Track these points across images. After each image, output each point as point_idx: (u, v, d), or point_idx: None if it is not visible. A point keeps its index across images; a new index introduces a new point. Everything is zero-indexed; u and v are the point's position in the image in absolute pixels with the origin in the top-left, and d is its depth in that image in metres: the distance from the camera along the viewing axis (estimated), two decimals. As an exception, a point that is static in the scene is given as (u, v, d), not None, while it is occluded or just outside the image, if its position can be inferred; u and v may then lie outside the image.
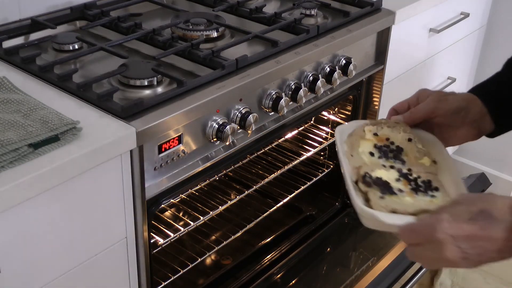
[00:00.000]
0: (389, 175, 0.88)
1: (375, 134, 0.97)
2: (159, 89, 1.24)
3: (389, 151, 0.94)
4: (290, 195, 1.78)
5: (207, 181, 1.77)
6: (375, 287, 1.61)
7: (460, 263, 0.72)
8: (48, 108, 1.09)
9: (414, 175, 0.89)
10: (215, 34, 1.48)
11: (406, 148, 0.95)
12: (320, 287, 1.69)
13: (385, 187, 0.85)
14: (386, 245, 1.76)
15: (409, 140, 0.95)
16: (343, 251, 1.85)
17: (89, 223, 1.10)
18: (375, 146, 0.95)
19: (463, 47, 2.30)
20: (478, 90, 0.99)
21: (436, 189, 0.87)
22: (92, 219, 1.11)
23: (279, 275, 1.71)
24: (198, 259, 1.54)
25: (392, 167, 0.91)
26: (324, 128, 1.90)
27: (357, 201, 0.83)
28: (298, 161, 1.82)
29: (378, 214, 0.80)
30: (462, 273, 1.73)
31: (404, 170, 0.90)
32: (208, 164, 1.29)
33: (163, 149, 1.17)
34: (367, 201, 0.84)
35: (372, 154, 0.93)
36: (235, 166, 1.78)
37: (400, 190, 0.86)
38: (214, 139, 1.26)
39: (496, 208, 0.71)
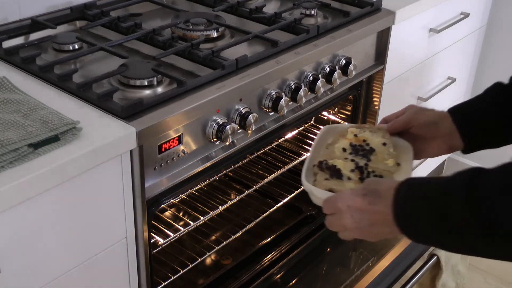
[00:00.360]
0: (345, 165, 0.99)
1: (355, 135, 1.08)
2: (159, 89, 1.24)
3: (360, 150, 1.04)
4: (290, 195, 1.77)
5: (207, 181, 1.77)
6: (375, 287, 1.61)
7: (356, 232, 0.88)
8: (48, 108, 1.09)
9: (369, 170, 0.99)
10: (215, 34, 1.48)
11: (378, 150, 1.04)
12: (320, 287, 1.69)
13: (334, 173, 0.98)
14: (386, 245, 1.76)
15: (384, 144, 1.05)
16: (343, 251, 1.84)
17: (89, 223, 1.10)
18: (351, 144, 1.06)
19: (463, 47, 2.30)
20: (453, 108, 1.08)
21: None
22: (92, 219, 1.11)
23: (279, 275, 1.71)
24: (198, 259, 1.54)
25: (352, 160, 1.01)
26: (324, 128, 1.90)
27: (302, 176, 0.98)
28: (298, 161, 1.82)
29: (312, 188, 0.95)
30: (464, 274, 1.73)
31: (361, 164, 1.00)
32: (208, 164, 1.29)
33: (163, 149, 1.17)
34: (315, 181, 0.97)
35: (344, 149, 1.04)
36: (235, 166, 1.78)
37: (349, 178, 0.97)
38: (214, 139, 1.26)
39: (383, 189, 0.85)
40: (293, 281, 1.72)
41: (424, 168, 2.37)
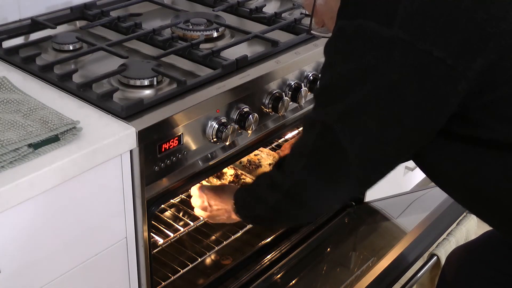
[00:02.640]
0: (230, 172, 1.57)
1: (256, 154, 1.60)
2: (159, 89, 1.24)
3: (252, 165, 1.59)
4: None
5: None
6: (375, 287, 1.61)
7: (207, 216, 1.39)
8: (48, 108, 1.09)
9: (242, 178, 1.55)
10: (215, 34, 1.48)
11: (263, 167, 1.58)
12: (320, 287, 1.69)
13: (221, 175, 1.56)
14: (386, 245, 1.76)
15: (270, 164, 1.58)
16: (343, 251, 1.84)
17: (89, 223, 1.10)
18: (248, 160, 1.60)
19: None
20: None
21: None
22: (92, 219, 1.11)
23: (279, 275, 1.70)
24: (198, 259, 1.54)
25: (235, 169, 1.58)
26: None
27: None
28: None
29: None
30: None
31: (239, 173, 1.57)
32: (208, 164, 1.29)
33: (163, 149, 1.17)
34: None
35: (241, 162, 1.60)
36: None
37: (225, 179, 1.55)
38: (214, 139, 1.26)
39: (226, 195, 1.30)
40: (293, 281, 1.72)
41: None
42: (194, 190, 1.39)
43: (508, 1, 0.89)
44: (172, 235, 1.51)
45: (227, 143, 1.29)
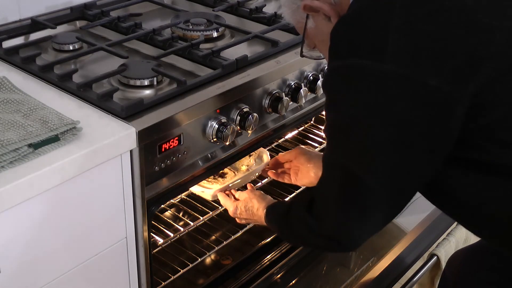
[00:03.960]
0: (232, 175, 1.56)
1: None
2: (159, 89, 1.24)
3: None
4: (290, 195, 1.77)
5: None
6: (375, 287, 1.61)
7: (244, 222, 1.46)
8: (48, 108, 1.09)
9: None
10: (215, 34, 1.48)
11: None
12: (320, 287, 1.69)
13: (222, 175, 1.56)
14: (386, 245, 1.76)
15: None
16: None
17: (89, 223, 1.10)
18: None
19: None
20: None
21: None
22: (92, 219, 1.11)
23: (279, 275, 1.71)
24: (198, 259, 1.54)
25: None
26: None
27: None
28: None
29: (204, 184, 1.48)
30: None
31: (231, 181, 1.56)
32: (208, 164, 1.29)
33: (163, 149, 1.17)
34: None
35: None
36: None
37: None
38: (214, 139, 1.26)
39: (256, 208, 1.36)
40: (293, 281, 1.72)
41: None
42: (222, 197, 1.45)
43: (496, 24, 0.90)
44: (172, 235, 1.51)
45: (227, 143, 1.29)
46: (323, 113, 1.85)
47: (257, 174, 1.60)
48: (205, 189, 1.48)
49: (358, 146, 0.95)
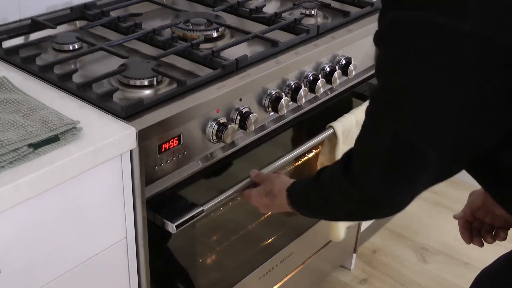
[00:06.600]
0: None
1: None
2: (159, 89, 1.24)
3: None
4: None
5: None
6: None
7: (268, 211, 1.40)
8: (48, 108, 1.09)
9: None
10: (215, 34, 1.48)
11: None
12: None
13: None
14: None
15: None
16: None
17: (89, 223, 1.10)
18: None
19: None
20: None
21: None
22: (92, 219, 1.11)
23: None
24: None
25: None
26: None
27: None
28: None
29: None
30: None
31: None
32: (208, 164, 1.29)
33: (163, 149, 1.17)
34: None
35: None
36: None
37: None
38: (214, 139, 1.26)
39: (276, 190, 1.25)
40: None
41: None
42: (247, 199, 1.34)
43: None
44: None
45: (227, 143, 1.29)
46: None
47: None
48: None
49: (418, 112, 0.86)
